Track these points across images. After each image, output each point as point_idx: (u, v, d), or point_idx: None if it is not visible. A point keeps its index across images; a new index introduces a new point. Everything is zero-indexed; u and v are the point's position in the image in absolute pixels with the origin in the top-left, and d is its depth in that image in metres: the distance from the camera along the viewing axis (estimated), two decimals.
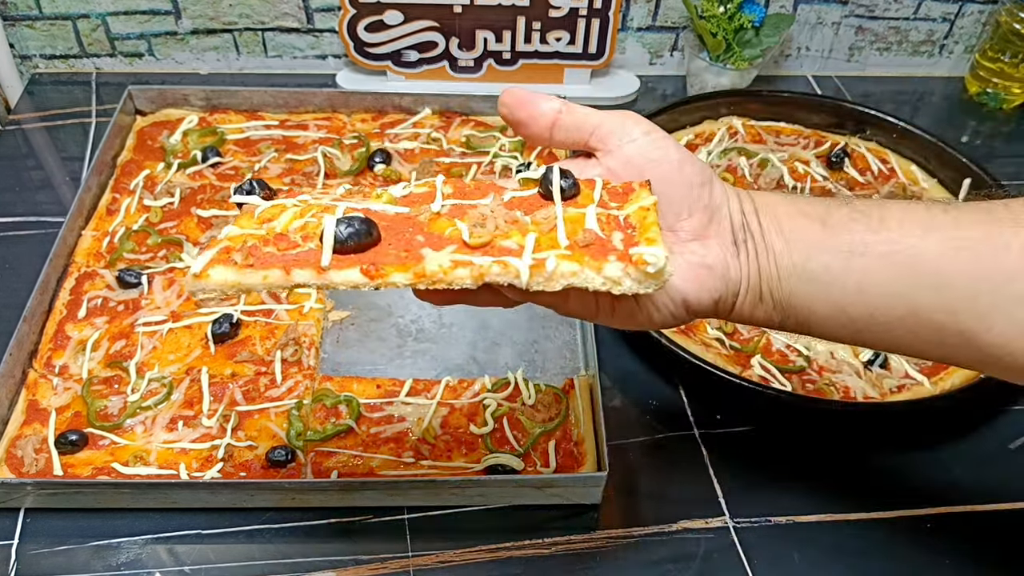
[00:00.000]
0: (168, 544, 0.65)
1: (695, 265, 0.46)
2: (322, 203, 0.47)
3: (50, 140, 1.00)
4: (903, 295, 0.45)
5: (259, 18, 1.07)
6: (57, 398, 0.71)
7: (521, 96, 0.49)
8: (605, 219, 0.45)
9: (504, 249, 0.43)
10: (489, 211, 0.45)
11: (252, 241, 0.43)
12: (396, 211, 0.46)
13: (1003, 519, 0.70)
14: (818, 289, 0.47)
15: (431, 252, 0.43)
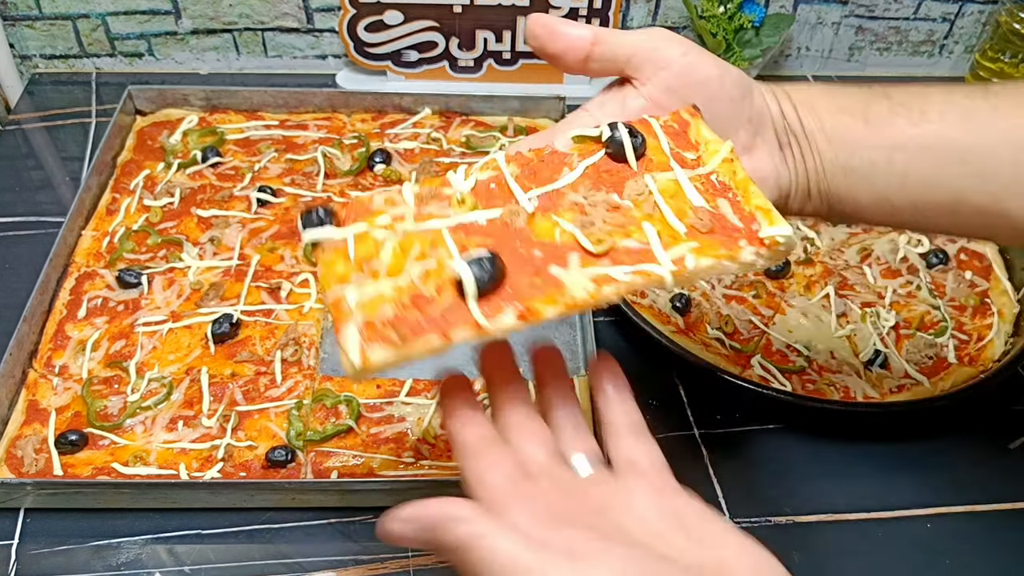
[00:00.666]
0: (168, 544, 0.65)
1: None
2: (416, 229, 0.43)
3: (50, 140, 1.00)
4: (947, 185, 0.46)
5: (259, 18, 1.07)
6: (57, 398, 0.71)
7: (550, 27, 0.47)
8: (701, 185, 0.45)
9: (631, 252, 0.42)
10: (584, 200, 0.44)
11: (389, 306, 0.40)
12: (488, 217, 0.44)
13: (1003, 519, 0.70)
14: (863, 183, 0.48)
15: (564, 273, 0.42)
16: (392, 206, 0.44)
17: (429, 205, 0.44)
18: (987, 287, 0.85)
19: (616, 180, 0.46)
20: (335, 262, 0.42)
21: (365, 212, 0.44)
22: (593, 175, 0.46)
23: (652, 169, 0.46)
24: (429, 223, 0.43)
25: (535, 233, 0.43)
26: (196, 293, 0.80)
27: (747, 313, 0.81)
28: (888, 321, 0.81)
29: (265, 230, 0.86)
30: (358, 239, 0.43)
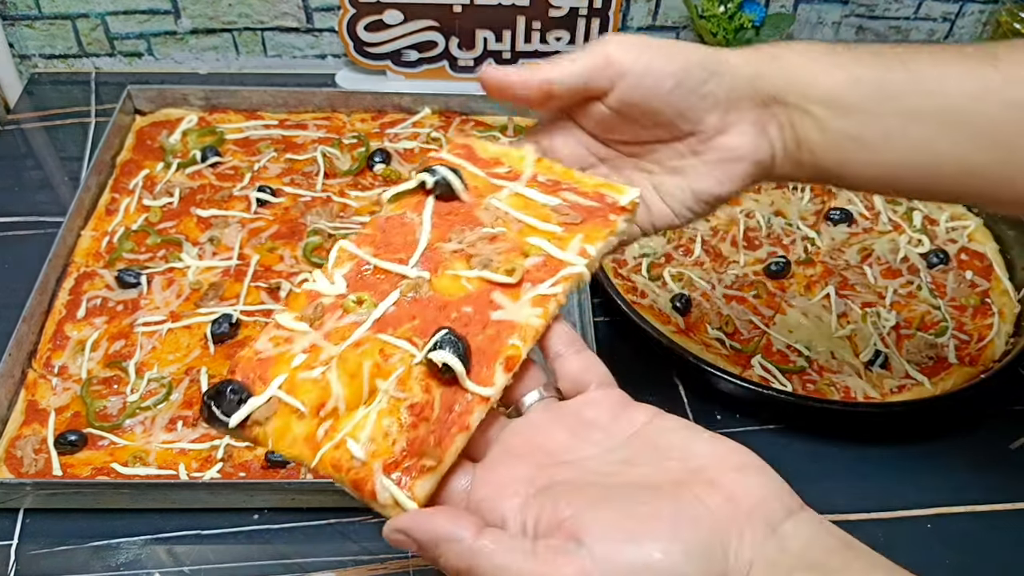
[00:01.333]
0: (167, 544, 0.65)
1: (721, 162, 0.49)
2: (345, 349, 0.41)
3: (49, 140, 1.00)
4: (958, 156, 0.46)
5: (258, 18, 1.07)
6: (56, 398, 0.71)
7: (501, 84, 0.48)
8: (537, 188, 0.49)
9: (539, 267, 0.45)
10: (462, 246, 0.46)
11: (395, 436, 0.39)
12: (394, 302, 0.43)
13: (1003, 519, 0.70)
14: (871, 153, 0.48)
15: (506, 313, 0.43)
16: (287, 343, 0.42)
17: (325, 323, 0.42)
18: (988, 287, 0.85)
19: (465, 217, 0.47)
20: (287, 429, 0.39)
21: (267, 364, 0.41)
22: (441, 223, 0.47)
23: (483, 194, 0.48)
24: (353, 336, 0.41)
25: (447, 294, 0.44)
26: (195, 293, 0.79)
27: (747, 313, 0.81)
28: (889, 321, 0.81)
29: (265, 230, 0.86)
30: (293, 390, 0.40)
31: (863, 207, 0.92)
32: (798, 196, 0.94)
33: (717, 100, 0.48)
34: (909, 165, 0.48)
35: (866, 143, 0.47)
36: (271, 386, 0.40)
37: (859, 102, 0.47)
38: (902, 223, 0.91)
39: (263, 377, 0.40)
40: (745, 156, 0.49)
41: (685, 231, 0.89)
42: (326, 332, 0.42)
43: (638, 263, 0.85)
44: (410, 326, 0.42)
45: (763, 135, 0.49)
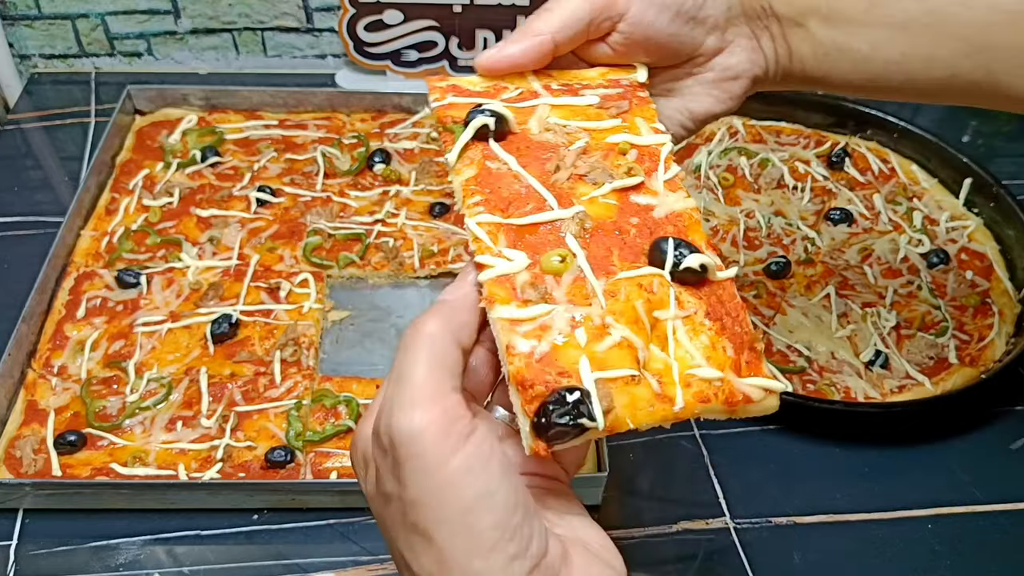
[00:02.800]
0: (167, 545, 0.65)
1: (719, 81, 0.50)
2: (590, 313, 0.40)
3: (49, 140, 1.00)
4: (944, 61, 0.48)
5: (258, 17, 1.07)
6: (56, 398, 0.71)
7: (497, 65, 0.47)
8: (566, 92, 0.49)
9: (641, 158, 0.46)
10: (574, 170, 0.45)
11: (724, 345, 0.41)
12: (586, 242, 0.42)
13: (1004, 519, 0.70)
14: (860, 62, 0.49)
15: (660, 201, 0.45)
16: (546, 331, 0.39)
17: (555, 294, 0.40)
18: (988, 287, 0.85)
19: (537, 146, 0.46)
20: (633, 399, 0.38)
21: (554, 358, 0.38)
22: (524, 161, 0.45)
23: (523, 120, 0.47)
24: (596, 290, 0.40)
25: (604, 217, 0.44)
26: (195, 293, 0.79)
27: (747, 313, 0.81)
28: (889, 321, 0.81)
29: (264, 230, 0.86)
30: (605, 364, 0.38)
31: (863, 207, 0.92)
32: (798, 196, 0.94)
33: (716, 22, 0.49)
34: (896, 71, 0.49)
35: (854, 52, 0.49)
36: (586, 375, 0.37)
37: (848, 11, 0.49)
38: (902, 223, 0.91)
39: (566, 372, 0.37)
40: (743, 73, 0.51)
41: None
42: (569, 300, 0.40)
43: None
44: (620, 255, 0.42)
45: (758, 50, 0.50)
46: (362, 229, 0.86)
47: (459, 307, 0.38)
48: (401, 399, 0.33)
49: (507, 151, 0.45)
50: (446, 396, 0.34)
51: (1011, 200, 0.88)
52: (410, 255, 0.84)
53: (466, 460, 0.32)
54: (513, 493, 0.33)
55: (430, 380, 0.34)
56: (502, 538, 0.32)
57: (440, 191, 0.90)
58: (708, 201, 0.92)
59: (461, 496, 0.32)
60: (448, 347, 0.35)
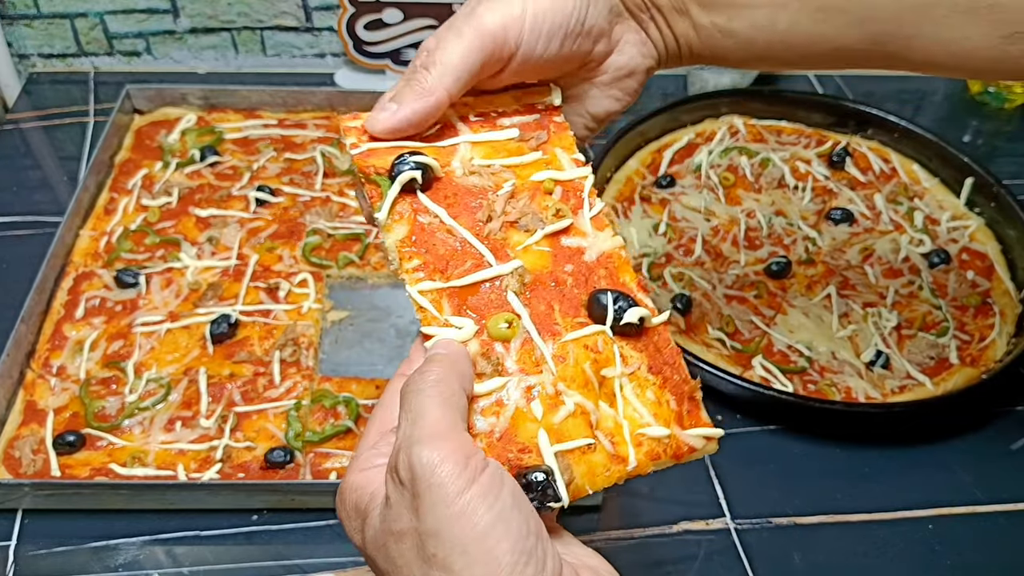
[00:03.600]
0: (166, 545, 0.65)
1: (615, 81, 0.51)
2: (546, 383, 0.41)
3: (48, 139, 1.00)
4: (829, 35, 0.49)
5: (257, 17, 1.06)
6: (55, 398, 0.71)
7: (392, 129, 0.46)
8: (483, 124, 0.49)
9: (566, 195, 0.47)
10: (505, 218, 0.46)
11: (667, 398, 0.43)
12: (526, 299, 0.43)
13: (1004, 520, 0.70)
14: (745, 43, 0.50)
15: (590, 242, 0.46)
16: (502, 407, 0.40)
17: (506, 363, 0.41)
18: (989, 287, 0.85)
19: (464, 192, 0.46)
20: (589, 466, 0.40)
21: (513, 434, 0.40)
22: (453, 212, 0.45)
23: (447, 158, 0.47)
24: (545, 355, 0.42)
25: (540, 268, 0.44)
26: (194, 293, 0.79)
27: (748, 313, 0.81)
28: (890, 321, 0.81)
29: (264, 230, 0.86)
30: (561, 436, 0.40)
31: (864, 207, 0.92)
32: (799, 196, 0.93)
33: (601, 28, 0.49)
34: (782, 47, 0.50)
35: (737, 34, 0.50)
36: (547, 452, 0.39)
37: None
38: (903, 223, 0.91)
39: (527, 448, 0.39)
40: (636, 68, 0.52)
41: (686, 231, 0.89)
42: (521, 369, 0.41)
43: (638, 263, 0.85)
44: (561, 310, 0.43)
45: (647, 42, 0.51)
46: (361, 229, 0.86)
47: (456, 359, 0.39)
48: (420, 434, 0.34)
49: (436, 201, 0.45)
50: (461, 433, 0.35)
51: (1012, 200, 0.88)
52: None
53: (481, 489, 0.33)
54: (525, 520, 0.34)
55: (445, 417, 0.35)
56: (519, 561, 0.33)
57: None
58: (709, 201, 0.92)
59: (477, 523, 0.33)
60: (456, 390, 0.37)
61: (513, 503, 0.34)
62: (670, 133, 0.98)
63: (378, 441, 0.38)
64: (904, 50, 0.48)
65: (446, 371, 0.37)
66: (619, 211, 0.90)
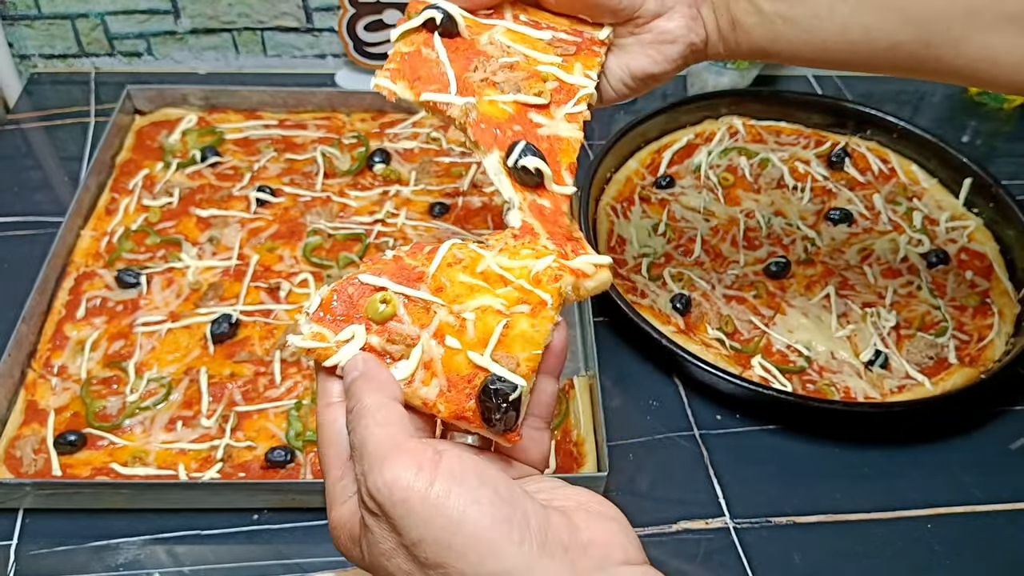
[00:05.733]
0: (167, 545, 0.65)
1: (656, 43, 0.54)
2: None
3: (49, 140, 1.00)
4: (884, 32, 0.51)
5: (258, 17, 1.07)
6: (56, 398, 0.71)
7: None
8: (526, 21, 0.55)
9: (558, 90, 0.51)
10: (489, 75, 0.51)
11: (550, 247, 0.45)
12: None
13: (1003, 519, 0.70)
14: (801, 32, 0.52)
15: (549, 128, 0.50)
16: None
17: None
18: (988, 287, 0.85)
19: (474, 51, 0.52)
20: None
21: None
22: (456, 58, 0.52)
23: (477, 32, 0.53)
24: None
25: (493, 117, 0.49)
26: (195, 293, 0.79)
27: (747, 313, 0.81)
28: (889, 321, 0.81)
29: (264, 230, 0.86)
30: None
31: (863, 207, 0.92)
32: (798, 196, 0.94)
33: None
34: (838, 41, 0.52)
35: (797, 22, 0.52)
36: (482, 362, 0.40)
37: None
38: (902, 223, 0.91)
39: (472, 376, 0.40)
40: (679, 38, 0.54)
41: (685, 231, 0.89)
42: (421, 326, 0.42)
43: (638, 263, 0.85)
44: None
45: (696, 19, 0.54)
46: (362, 229, 0.86)
47: (369, 374, 0.39)
48: (370, 464, 0.35)
49: (447, 47, 0.51)
50: (404, 444, 0.36)
51: (1011, 200, 0.88)
52: None
53: (443, 483, 0.34)
54: (495, 492, 0.35)
55: (384, 438, 0.36)
56: (502, 533, 0.33)
57: (440, 191, 0.91)
58: (708, 201, 0.92)
59: (451, 516, 0.33)
60: (384, 403, 0.38)
61: (479, 482, 0.34)
62: (670, 134, 0.98)
63: (342, 473, 0.39)
64: (953, 55, 0.50)
65: (367, 393, 0.38)
66: (619, 211, 0.90)
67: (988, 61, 0.50)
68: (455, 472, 0.34)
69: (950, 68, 0.51)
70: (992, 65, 0.50)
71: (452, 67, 0.50)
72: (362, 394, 0.38)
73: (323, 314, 0.41)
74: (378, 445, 0.35)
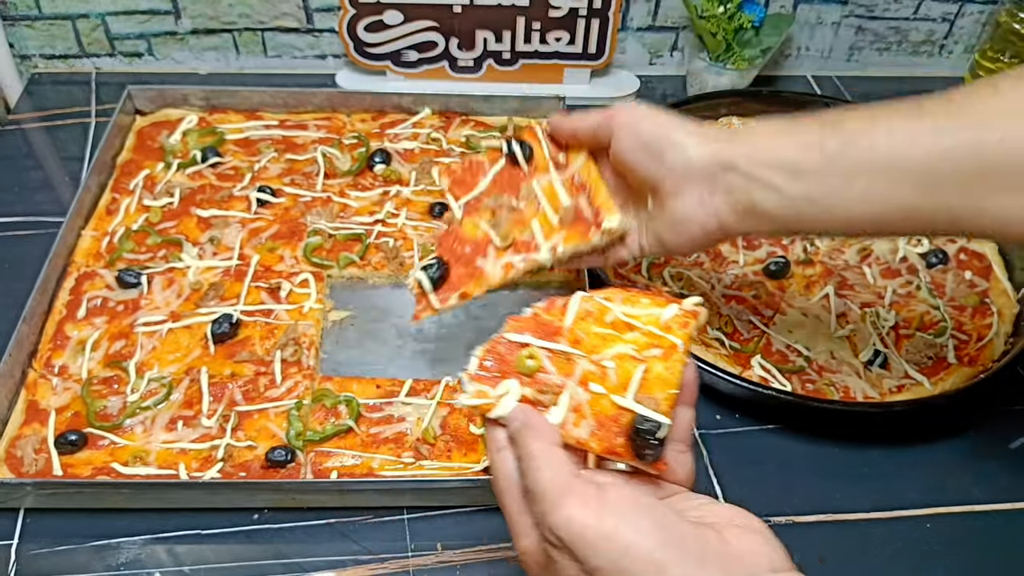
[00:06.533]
0: (168, 544, 0.65)
1: (674, 220, 0.58)
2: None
3: (50, 140, 1.00)
4: (902, 200, 0.51)
5: (259, 18, 1.07)
6: (57, 398, 0.71)
7: (556, 125, 0.64)
8: (568, 183, 0.63)
9: (525, 243, 0.62)
10: (494, 204, 0.64)
11: None
12: (443, 225, 0.60)
13: (1003, 519, 0.70)
14: (825, 208, 0.54)
15: (484, 263, 0.63)
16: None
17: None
18: (987, 287, 0.85)
19: (515, 183, 0.65)
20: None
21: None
22: (500, 179, 0.65)
23: (537, 172, 0.64)
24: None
25: (465, 233, 0.64)
26: (196, 293, 0.80)
27: (747, 313, 0.81)
28: (888, 321, 0.81)
29: (265, 230, 0.86)
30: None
31: None
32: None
33: (673, 169, 0.57)
34: (859, 213, 0.53)
35: (818, 200, 0.54)
36: (627, 404, 0.44)
37: (807, 166, 0.53)
38: None
39: (617, 418, 0.45)
40: (691, 220, 0.57)
41: None
42: (565, 375, 0.47)
43: (638, 263, 0.85)
44: (435, 246, 0.67)
45: (706, 206, 0.57)
46: (362, 229, 0.86)
47: (530, 424, 0.44)
48: (546, 507, 0.41)
49: (504, 170, 0.66)
50: (572, 485, 0.41)
51: None
52: (410, 255, 0.84)
53: (611, 519, 0.39)
54: (653, 520, 0.40)
55: (555, 482, 0.41)
56: (664, 555, 0.38)
57: (440, 191, 0.91)
58: None
59: (621, 545, 0.39)
60: (551, 451, 0.43)
61: (638, 511, 0.40)
62: None
63: (519, 509, 0.44)
64: (974, 215, 0.50)
65: (532, 441, 0.43)
66: None
67: (1010, 219, 0.50)
68: (619, 506, 0.40)
69: (974, 227, 0.52)
70: (1015, 223, 0.50)
71: (487, 187, 0.63)
72: (528, 442, 0.43)
73: (481, 372, 0.47)
74: (550, 488, 0.41)
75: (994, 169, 0.49)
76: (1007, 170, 0.48)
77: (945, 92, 0.52)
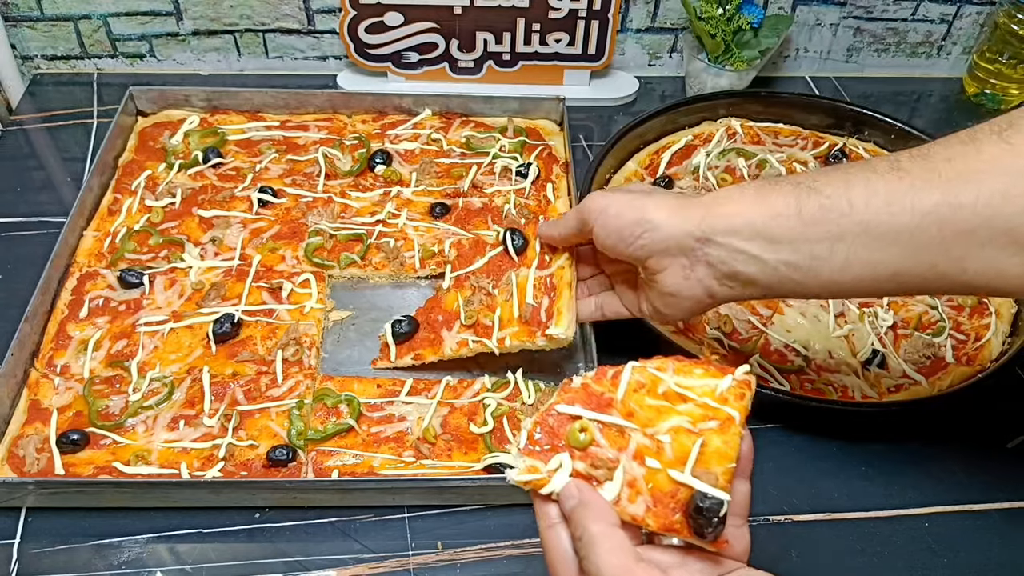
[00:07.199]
0: (169, 543, 0.65)
1: (662, 293, 0.60)
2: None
3: (52, 141, 1.00)
4: (886, 262, 0.51)
5: (260, 19, 1.07)
6: (59, 398, 0.72)
7: (541, 236, 0.74)
8: (539, 284, 0.71)
9: (484, 327, 0.73)
10: (476, 284, 0.75)
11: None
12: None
13: (1001, 518, 0.70)
14: (808, 273, 0.53)
15: (447, 334, 0.74)
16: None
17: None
18: None
19: (502, 269, 0.75)
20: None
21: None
22: (493, 261, 0.76)
23: (526, 263, 0.73)
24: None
25: (445, 303, 0.76)
26: (197, 293, 0.80)
27: (745, 313, 0.82)
28: (886, 321, 0.81)
29: (266, 230, 0.86)
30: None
31: None
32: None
33: (651, 250, 0.58)
34: (843, 276, 0.53)
35: (800, 266, 0.53)
36: (684, 480, 0.44)
37: (784, 235, 0.53)
38: None
39: (674, 492, 0.44)
40: (677, 293, 0.59)
41: None
42: (618, 449, 0.46)
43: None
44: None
45: (690, 278, 0.58)
46: (363, 229, 0.87)
47: (587, 500, 0.43)
48: None
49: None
50: (634, 570, 0.41)
51: None
52: (411, 255, 0.85)
53: None
54: None
55: (617, 567, 0.41)
56: None
57: (441, 192, 0.91)
58: None
59: None
60: (611, 533, 0.42)
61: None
62: (668, 135, 0.99)
63: None
64: (958, 273, 0.50)
65: (592, 522, 0.42)
66: None
67: (993, 274, 0.49)
68: None
69: (959, 284, 0.51)
70: (998, 276, 0.49)
71: (483, 264, 0.77)
72: (587, 523, 0.42)
73: (531, 446, 0.45)
74: (612, 574, 0.40)
75: (972, 228, 0.48)
76: (986, 228, 0.48)
77: (921, 148, 0.51)
